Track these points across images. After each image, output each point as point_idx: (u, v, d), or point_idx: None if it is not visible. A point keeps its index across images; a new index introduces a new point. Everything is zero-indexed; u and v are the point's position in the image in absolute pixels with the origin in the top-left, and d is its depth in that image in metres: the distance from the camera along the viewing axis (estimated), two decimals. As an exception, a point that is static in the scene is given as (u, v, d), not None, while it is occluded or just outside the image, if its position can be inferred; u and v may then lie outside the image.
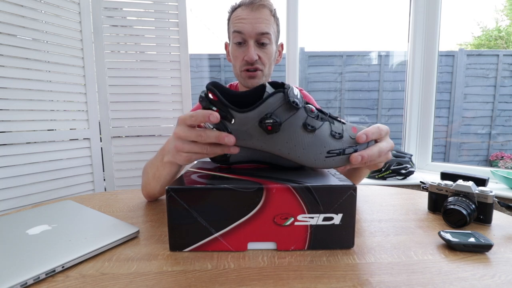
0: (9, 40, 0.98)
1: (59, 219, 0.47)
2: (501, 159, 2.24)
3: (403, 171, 1.44)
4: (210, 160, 0.52)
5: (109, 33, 1.25)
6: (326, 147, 0.38)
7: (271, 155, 0.48)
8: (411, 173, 1.46)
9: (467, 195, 0.48)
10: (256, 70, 0.76)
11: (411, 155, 1.52)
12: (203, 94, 0.38)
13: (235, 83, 0.92)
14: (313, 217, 0.38)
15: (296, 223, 0.38)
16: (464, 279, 0.32)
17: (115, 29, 1.26)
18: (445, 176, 0.62)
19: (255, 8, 0.73)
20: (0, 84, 0.97)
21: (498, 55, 2.19)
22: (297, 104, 0.35)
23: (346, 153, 0.39)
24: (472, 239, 0.39)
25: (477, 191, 0.47)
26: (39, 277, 0.32)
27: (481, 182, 0.56)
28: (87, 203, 0.61)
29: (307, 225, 0.38)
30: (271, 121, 0.36)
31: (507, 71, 2.19)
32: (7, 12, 0.97)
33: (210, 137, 0.39)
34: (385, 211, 0.55)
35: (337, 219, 0.38)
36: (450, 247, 0.40)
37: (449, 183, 0.51)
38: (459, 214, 0.46)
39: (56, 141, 1.13)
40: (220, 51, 2.28)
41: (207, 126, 0.42)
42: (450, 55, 2.21)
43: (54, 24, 1.10)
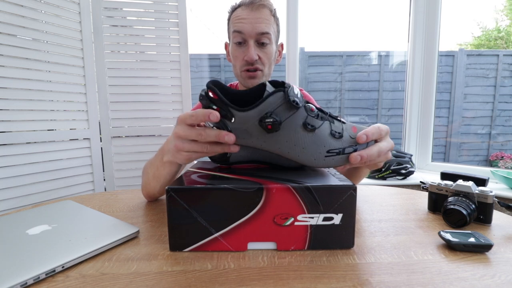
0: (9, 40, 0.98)
1: (59, 219, 0.47)
2: (501, 159, 2.24)
3: (403, 171, 1.44)
4: (210, 160, 0.52)
5: (109, 33, 1.25)
6: (325, 146, 0.38)
7: (271, 154, 0.48)
8: (411, 173, 1.46)
9: (467, 195, 0.48)
10: (256, 70, 0.76)
11: (411, 155, 1.52)
12: (203, 92, 0.38)
13: (235, 83, 0.92)
14: (313, 217, 0.38)
15: (296, 223, 0.38)
16: (464, 279, 0.32)
17: (115, 29, 1.26)
18: (445, 176, 0.62)
19: (255, 8, 0.73)
20: (0, 84, 0.97)
21: (498, 55, 2.19)
22: (297, 103, 0.35)
23: (345, 153, 0.39)
24: (472, 239, 0.39)
25: (477, 191, 0.47)
26: (39, 277, 0.32)
27: (481, 182, 0.56)
28: (87, 203, 0.61)
29: (307, 225, 0.38)
30: (271, 120, 0.36)
31: (507, 71, 2.19)
32: (7, 12, 0.97)
33: (210, 135, 0.39)
34: (385, 211, 0.55)
35: (337, 219, 0.38)
36: (450, 247, 0.40)
37: (449, 183, 0.51)
38: (459, 214, 0.46)
39: (56, 141, 1.13)
40: (220, 51, 2.28)
41: (207, 124, 0.42)
42: (450, 55, 2.21)
43: (54, 24, 1.10)
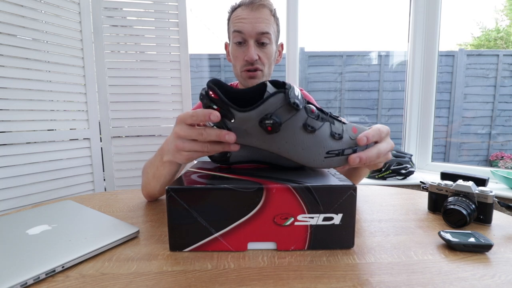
0: (9, 40, 0.98)
1: (59, 219, 0.47)
2: (501, 159, 2.24)
3: (403, 171, 1.44)
4: (210, 160, 0.52)
5: (109, 33, 1.25)
6: (325, 147, 0.38)
7: (271, 154, 0.48)
8: (411, 173, 1.46)
9: (467, 195, 0.48)
10: (256, 70, 0.76)
11: (411, 155, 1.52)
12: (203, 91, 0.38)
13: (235, 83, 0.92)
14: (313, 217, 0.38)
15: (296, 223, 0.38)
16: (464, 279, 0.32)
17: (115, 29, 1.26)
18: (445, 176, 0.62)
19: (255, 8, 0.73)
20: (0, 84, 0.97)
21: (498, 55, 2.19)
22: (297, 105, 0.35)
23: (345, 154, 0.39)
24: (472, 239, 0.39)
25: (477, 191, 0.47)
26: (39, 277, 0.32)
27: (481, 182, 0.56)
28: (87, 203, 0.61)
29: (307, 225, 0.38)
30: (271, 121, 0.36)
31: (507, 71, 2.19)
32: (7, 12, 0.97)
33: (210, 135, 0.39)
34: (385, 211, 0.55)
35: (337, 219, 0.38)
36: (450, 247, 0.40)
37: (449, 183, 0.51)
38: (459, 214, 0.46)
39: (56, 141, 1.13)
40: (220, 51, 2.28)
41: (208, 124, 0.42)
42: (450, 55, 2.21)
43: (54, 24, 1.10)
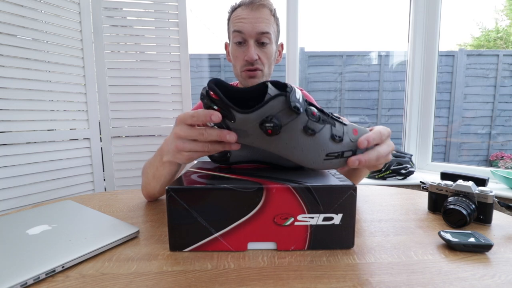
0: (9, 40, 0.98)
1: (59, 219, 0.47)
2: (501, 159, 2.24)
3: (403, 171, 1.44)
4: (210, 160, 0.52)
5: (109, 33, 1.25)
6: (325, 149, 0.38)
7: (271, 154, 0.48)
8: (411, 173, 1.46)
9: (467, 195, 0.48)
10: (256, 70, 0.76)
11: (411, 155, 1.52)
12: (204, 91, 0.38)
13: (235, 83, 0.92)
14: (313, 217, 0.38)
15: (296, 223, 0.38)
16: (464, 279, 0.32)
17: (115, 29, 1.26)
18: (445, 176, 0.62)
19: (255, 7, 0.73)
20: (0, 84, 0.97)
21: (498, 55, 2.19)
22: (298, 109, 0.35)
23: (344, 156, 0.39)
24: (472, 239, 0.39)
25: (477, 191, 0.47)
26: (39, 277, 0.32)
27: (481, 182, 0.56)
28: (87, 203, 0.61)
29: (307, 225, 0.38)
30: (271, 125, 0.36)
31: (507, 71, 2.19)
32: (7, 12, 0.97)
33: (211, 135, 0.39)
34: (385, 211, 0.55)
35: (337, 219, 0.38)
36: (450, 247, 0.40)
37: (449, 183, 0.51)
38: (459, 214, 0.46)
39: (56, 141, 1.13)
40: (220, 51, 2.28)
41: (208, 123, 0.42)
42: (450, 55, 2.21)
43: (54, 24, 1.10)
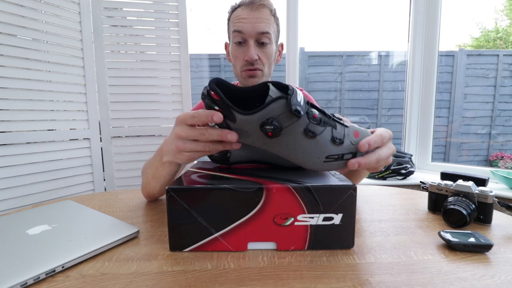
0: (9, 40, 0.98)
1: (59, 219, 0.47)
2: (501, 159, 2.24)
3: (403, 171, 1.44)
4: (210, 160, 0.52)
5: (109, 33, 1.25)
6: (325, 152, 0.38)
7: (271, 154, 0.48)
8: (411, 173, 1.46)
9: (467, 195, 0.48)
10: (256, 70, 0.76)
11: (411, 155, 1.52)
12: (205, 91, 0.38)
13: (235, 83, 0.92)
14: (313, 217, 0.38)
15: (296, 223, 0.38)
16: (464, 279, 0.32)
17: (115, 29, 1.26)
18: (445, 176, 0.62)
19: (255, 7, 0.73)
20: (0, 84, 0.97)
21: (498, 55, 2.19)
22: (299, 112, 0.35)
23: (344, 159, 0.39)
24: (472, 239, 0.39)
25: (477, 191, 0.47)
26: (39, 277, 0.32)
27: (481, 182, 0.56)
28: (87, 203, 0.61)
29: (307, 225, 0.38)
30: (272, 127, 0.36)
31: (507, 71, 2.19)
32: (7, 12, 0.97)
33: (213, 135, 0.39)
34: (385, 211, 0.55)
35: (337, 219, 0.38)
36: (450, 247, 0.40)
37: (449, 183, 0.51)
38: (459, 214, 0.46)
39: (56, 141, 1.13)
40: (220, 51, 2.28)
41: (209, 123, 0.42)
42: (450, 55, 2.21)
43: (54, 24, 1.10)
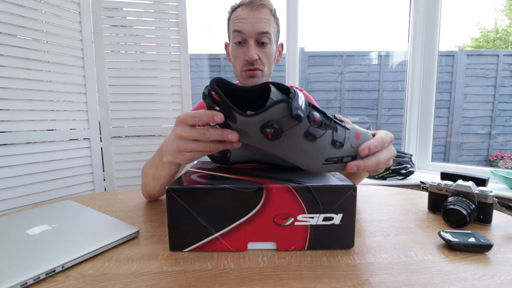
0: (9, 40, 0.98)
1: (59, 219, 0.47)
2: (501, 159, 2.24)
3: (403, 171, 1.44)
4: (210, 160, 0.52)
5: (109, 33, 1.25)
6: (324, 155, 0.38)
7: (271, 154, 0.49)
8: (411, 173, 1.46)
9: (467, 195, 0.48)
10: (256, 70, 0.76)
11: (411, 155, 1.52)
12: (206, 91, 0.38)
13: (235, 83, 0.92)
14: (313, 217, 0.38)
15: (296, 223, 0.38)
16: (464, 279, 0.32)
17: (115, 29, 1.26)
18: (445, 176, 0.62)
19: (255, 7, 0.73)
20: (0, 84, 0.97)
21: (498, 55, 2.19)
22: (299, 117, 0.35)
23: (343, 162, 0.39)
24: (472, 239, 0.39)
25: (477, 191, 0.47)
26: (39, 277, 0.32)
27: (481, 182, 0.56)
28: (87, 203, 0.61)
29: (307, 225, 0.38)
30: (272, 130, 0.35)
31: (507, 71, 2.19)
32: (7, 12, 0.97)
33: (213, 134, 0.39)
34: (385, 211, 0.55)
35: (337, 219, 0.38)
36: (450, 247, 0.40)
37: (449, 183, 0.51)
38: (459, 214, 0.46)
39: (56, 141, 1.13)
40: (220, 51, 2.28)
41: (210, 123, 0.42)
42: (450, 55, 2.21)
43: (54, 24, 1.10)
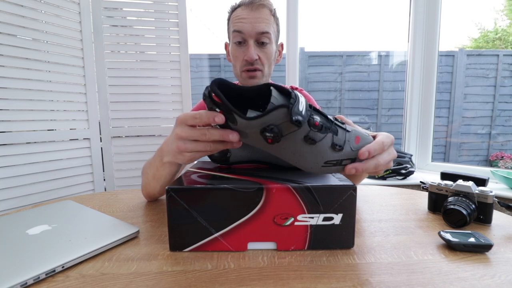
0: (9, 40, 0.98)
1: (59, 219, 0.47)
2: (501, 159, 2.24)
3: (403, 171, 1.44)
4: (210, 160, 0.52)
5: (109, 33, 1.25)
6: (324, 157, 0.38)
7: (271, 155, 0.49)
8: (411, 173, 1.46)
9: (467, 195, 0.48)
10: (255, 70, 0.76)
11: (411, 155, 1.52)
12: (206, 92, 0.38)
13: (235, 83, 0.92)
14: (313, 217, 0.38)
15: (296, 223, 0.38)
16: (464, 279, 0.32)
17: (115, 29, 1.26)
18: (445, 176, 0.62)
19: (255, 7, 0.73)
20: (0, 84, 0.97)
21: (498, 55, 2.19)
22: (299, 122, 0.35)
23: (342, 164, 0.39)
24: (472, 239, 0.39)
25: (477, 191, 0.47)
26: (39, 277, 0.32)
27: (481, 182, 0.56)
28: (87, 203, 0.61)
29: (307, 225, 0.38)
30: (272, 134, 0.35)
31: (507, 71, 2.19)
32: (7, 12, 0.97)
33: (214, 135, 0.39)
34: (385, 211, 0.55)
35: (337, 219, 0.38)
36: (450, 247, 0.40)
37: (449, 183, 0.51)
38: (459, 214, 0.46)
39: (56, 141, 1.13)
40: (220, 51, 2.28)
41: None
42: (450, 55, 2.21)
43: (54, 24, 1.10)
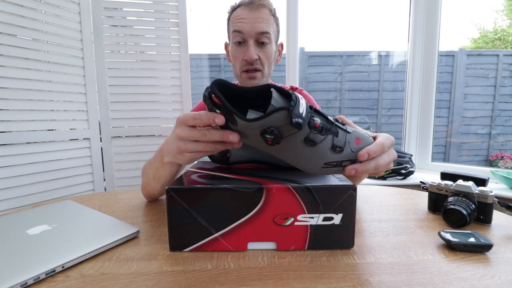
0: (9, 40, 0.98)
1: (59, 219, 0.47)
2: (501, 159, 2.24)
3: (403, 171, 1.44)
4: (210, 160, 0.52)
5: (109, 33, 1.25)
6: (324, 159, 0.38)
7: (271, 155, 0.49)
8: (411, 173, 1.46)
9: (467, 195, 0.48)
10: (255, 70, 0.76)
11: (411, 155, 1.52)
12: (206, 93, 0.38)
13: (235, 83, 0.92)
14: (313, 217, 0.38)
15: (296, 223, 0.38)
16: (464, 279, 0.32)
17: (115, 29, 1.26)
18: (445, 176, 0.62)
19: (255, 7, 0.73)
20: (0, 84, 0.97)
21: (498, 55, 2.19)
22: (300, 125, 0.35)
23: (342, 165, 0.39)
24: (472, 239, 0.39)
25: (477, 191, 0.47)
26: (39, 277, 0.32)
27: (481, 182, 0.56)
28: (87, 203, 0.61)
29: (307, 225, 0.38)
30: (272, 136, 0.35)
31: (507, 71, 2.19)
32: (7, 12, 0.97)
33: (215, 135, 0.39)
34: (385, 211, 0.55)
35: (337, 219, 0.38)
36: (450, 247, 0.40)
37: (449, 183, 0.51)
38: (459, 214, 0.46)
39: (56, 141, 1.13)
40: (220, 51, 2.28)
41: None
42: (450, 55, 2.21)
43: (54, 24, 1.10)
